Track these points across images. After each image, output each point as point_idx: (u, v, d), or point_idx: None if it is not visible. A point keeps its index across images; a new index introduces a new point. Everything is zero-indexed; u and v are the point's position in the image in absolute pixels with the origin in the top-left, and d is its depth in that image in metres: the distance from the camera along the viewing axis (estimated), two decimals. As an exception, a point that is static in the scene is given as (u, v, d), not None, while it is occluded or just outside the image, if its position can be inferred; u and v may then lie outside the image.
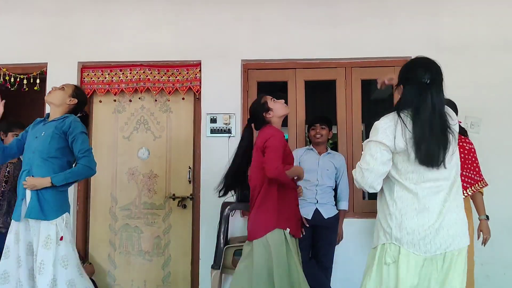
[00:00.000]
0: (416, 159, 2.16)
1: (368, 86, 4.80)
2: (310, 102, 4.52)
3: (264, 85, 4.49)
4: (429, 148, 2.14)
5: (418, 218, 2.17)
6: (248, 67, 4.43)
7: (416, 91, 2.21)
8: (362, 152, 2.27)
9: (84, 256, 4.40)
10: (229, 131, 4.26)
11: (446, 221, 2.18)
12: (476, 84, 4.09)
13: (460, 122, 3.37)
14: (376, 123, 2.27)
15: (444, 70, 2.30)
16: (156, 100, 4.48)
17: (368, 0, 4.30)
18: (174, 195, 4.39)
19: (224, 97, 4.30)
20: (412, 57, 4.06)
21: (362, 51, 4.28)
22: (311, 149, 4.09)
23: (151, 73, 4.42)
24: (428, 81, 2.20)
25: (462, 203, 2.28)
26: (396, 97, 2.46)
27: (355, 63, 4.34)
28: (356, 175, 2.25)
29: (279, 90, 4.52)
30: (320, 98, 5.03)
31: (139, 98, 4.51)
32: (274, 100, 3.31)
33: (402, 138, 2.17)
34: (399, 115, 2.21)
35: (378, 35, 4.26)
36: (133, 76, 4.44)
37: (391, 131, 2.20)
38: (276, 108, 3.28)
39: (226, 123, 4.25)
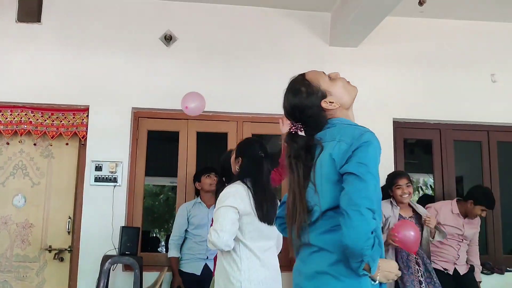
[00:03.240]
0: (258, 218, 2.59)
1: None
2: (202, 153, 4.53)
3: (155, 134, 4.44)
4: (267, 209, 2.61)
5: (261, 272, 2.57)
6: (139, 115, 4.36)
7: (254, 163, 2.73)
8: (214, 218, 2.58)
9: None
10: (115, 180, 4.11)
11: (278, 274, 2.70)
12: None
13: None
14: (225, 191, 2.63)
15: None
16: (35, 144, 4.21)
17: (261, 60, 4.47)
18: (50, 247, 4.09)
19: (111, 144, 4.17)
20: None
21: (253, 106, 4.41)
22: (199, 202, 4.04)
23: (33, 115, 4.18)
24: (263, 155, 2.76)
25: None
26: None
27: (246, 118, 4.44)
28: (212, 238, 2.51)
29: (171, 140, 4.49)
30: (212, 149, 5.06)
31: (19, 142, 4.22)
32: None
33: (249, 201, 2.59)
34: (243, 183, 2.65)
35: (268, 92, 4.38)
36: (14, 118, 4.17)
37: (240, 196, 2.59)
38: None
39: (112, 172, 4.09)
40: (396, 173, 3.99)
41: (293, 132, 1.83)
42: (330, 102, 1.80)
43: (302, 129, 1.82)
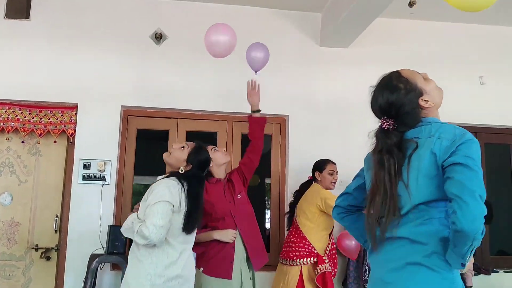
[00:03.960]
0: (182, 227, 2.61)
1: (248, 140, 4.91)
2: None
3: (145, 132, 4.41)
4: (193, 223, 2.66)
5: (173, 269, 2.58)
6: (128, 114, 4.33)
7: (199, 180, 2.73)
8: (151, 212, 2.51)
9: None
10: (103, 178, 4.07)
11: (193, 272, 2.75)
12: (344, 143, 4.34)
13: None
14: (163, 185, 2.60)
15: (314, 128, 2.43)
16: (23, 142, 4.17)
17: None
18: (37, 245, 4.05)
19: (100, 142, 4.13)
20: (289, 116, 4.37)
21: (243, 106, 4.37)
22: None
23: (21, 113, 4.13)
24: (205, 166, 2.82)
25: None
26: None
27: (236, 117, 4.43)
28: (150, 233, 2.45)
29: (160, 139, 4.47)
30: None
31: (6, 139, 4.17)
32: (214, 150, 3.28)
33: (181, 199, 2.61)
34: (180, 183, 2.64)
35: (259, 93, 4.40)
36: (1, 115, 4.12)
37: (176, 193, 2.60)
38: (218, 157, 3.25)
39: (100, 170, 4.06)
40: None
41: (386, 128, 1.85)
42: (425, 100, 1.85)
43: (394, 126, 1.84)
